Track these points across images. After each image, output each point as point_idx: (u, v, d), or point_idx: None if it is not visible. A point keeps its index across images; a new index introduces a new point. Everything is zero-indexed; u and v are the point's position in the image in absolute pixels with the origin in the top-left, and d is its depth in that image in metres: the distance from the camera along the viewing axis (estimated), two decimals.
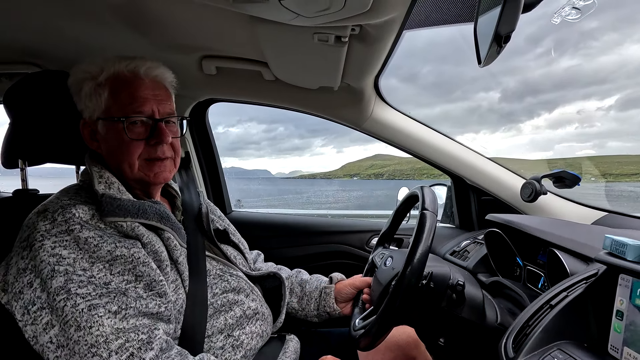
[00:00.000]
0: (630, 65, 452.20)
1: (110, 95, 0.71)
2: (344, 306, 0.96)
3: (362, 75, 1.07)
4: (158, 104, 0.74)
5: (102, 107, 0.72)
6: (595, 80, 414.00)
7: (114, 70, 0.72)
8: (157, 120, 0.73)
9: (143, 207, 0.70)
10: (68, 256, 0.59)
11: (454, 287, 0.75)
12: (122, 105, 0.71)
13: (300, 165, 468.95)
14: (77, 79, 0.73)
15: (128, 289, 0.62)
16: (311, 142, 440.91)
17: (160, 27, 0.93)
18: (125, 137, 0.70)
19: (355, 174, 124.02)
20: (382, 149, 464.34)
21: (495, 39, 0.48)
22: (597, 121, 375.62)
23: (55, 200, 0.66)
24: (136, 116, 0.71)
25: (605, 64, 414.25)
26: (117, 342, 0.56)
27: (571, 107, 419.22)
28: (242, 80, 1.24)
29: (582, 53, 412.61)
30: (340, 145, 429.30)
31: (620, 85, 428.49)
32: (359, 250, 1.51)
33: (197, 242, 0.81)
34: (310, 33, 0.78)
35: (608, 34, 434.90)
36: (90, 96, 0.72)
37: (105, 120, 0.72)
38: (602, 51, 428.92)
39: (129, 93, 0.71)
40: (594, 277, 0.60)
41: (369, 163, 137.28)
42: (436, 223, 0.71)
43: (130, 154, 0.71)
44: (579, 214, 1.20)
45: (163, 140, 0.73)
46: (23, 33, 0.96)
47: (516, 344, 0.59)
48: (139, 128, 0.72)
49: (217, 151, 1.65)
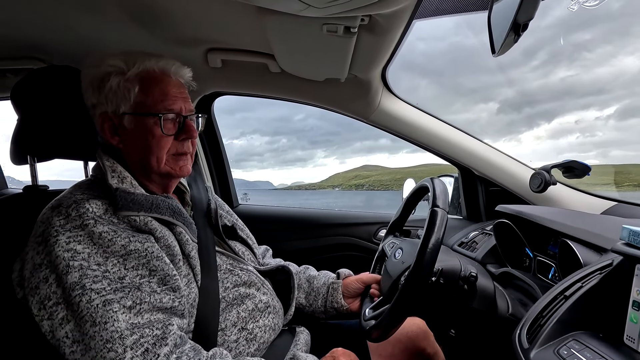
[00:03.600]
0: (626, 76, 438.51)
1: (140, 91, 0.72)
2: (351, 302, 0.96)
3: (369, 66, 1.05)
4: (184, 101, 0.76)
5: (131, 102, 0.72)
6: (593, 91, 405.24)
7: (144, 67, 0.73)
8: (184, 116, 0.76)
9: (156, 202, 0.71)
10: (82, 251, 0.60)
11: (467, 278, 0.75)
12: (155, 102, 0.72)
13: (302, 177, 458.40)
14: (101, 72, 0.72)
15: (142, 284, 0.62)
16: (314, 153, 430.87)
17: (166, 21, 0.92)
18: (159, 132, 0.72)
19: (338, 185, 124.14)
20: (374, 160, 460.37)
21: (513, 28, 0.47)
22: (599, 130, 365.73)
23: (68, 195, 0.66)
24: (169, 113, 0.73)
25: (601, 74, 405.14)
26: (132, 338, 0.57)
27: (570, 116, 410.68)
28: (248, 73, 1.23)
29: (578, 64, 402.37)
30: (343, 156, 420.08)
31: (618, 96, 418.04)
32: (367, 243, 1.51)
33: (208, 237, 0.81)
34: (319, 24, 0.77)
35: (602, 46, 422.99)
36: (116, 90, 0.72)
37: (135, 115, 0.72)
38: (598, 63, 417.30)
39: (160, 90, 0.73)
40: (609, 267, 0.60)
41: (353, 174, 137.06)
42: (447, 221, 0.69)
43: (160, 149, 0.73)
44: (589, 204, 1.19)
45: (192, 136, 0.77)
46: (28, 28, 0.95)
47: (530, 334, 0.59)
48: (170, 124, 0.74)
49: (223, 145, 1.65)
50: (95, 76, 0.73)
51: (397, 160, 39.55)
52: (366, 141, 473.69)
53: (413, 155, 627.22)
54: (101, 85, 0.72)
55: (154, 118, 0.72)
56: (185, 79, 0.80)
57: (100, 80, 0.72)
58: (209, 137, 1.61)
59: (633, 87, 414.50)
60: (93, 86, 0.73)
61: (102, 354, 0.55)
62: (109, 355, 0.55)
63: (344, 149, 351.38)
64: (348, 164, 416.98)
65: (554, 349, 0.54)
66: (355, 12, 0.67)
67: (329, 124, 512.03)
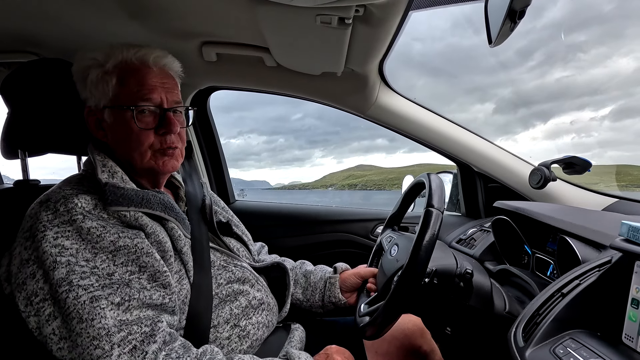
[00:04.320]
0: (620, 77, 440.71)
1: (117, 83, 0.70)
2: (349, 296, 0.95)
3: (366, 59, 1.04)
4: (166, 92, 0.73)
5: (110, 95, 0.70)
6: (588, 92, 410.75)
7: (122, 57, 0.71)
8: (165, 109, 0.73)
9: (147, 197, 0.69)
10: (71, 247, 0.59)
11: (462, 275, 0.74)
12: (131, 94, 0.70)
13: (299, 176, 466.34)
14: (82, 66, 0.71)
15: (132, 280, 0.61)
16: (311, 152, 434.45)
17: (160, 13, 0.90)
18: (135, 126, 0.70)
19: (331, 184, 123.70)
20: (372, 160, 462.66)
21: (509, 15, 0.45)
22: (594, 131, 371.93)
23: (57, 190, 0.65)
24: (145, 105, 0.70)
25: (596, 75, 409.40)
26: (119, 335, 0.56)
27: (566, 117, 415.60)
28: (243, 67, 1.22)
29: (573, 65, 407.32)
30: (340, 156, 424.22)
31: (612, 96, 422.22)
32: (364, 239, 1.50)
33: (201, 234, 0.80)
34: (313, 15, 0.75)
35: (596, 47, 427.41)
36: (96, 84, 0.70)
37: (113, 108, 0.71)
38: (593, 64, 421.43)
39: (137, 81, 0.70)
40: (608, 264, 0.59)
41: (347, 174, 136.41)
42: (441, 221, 0.67)
43: (140, 144, 0.71)
44: (589, 200, 1.17)
45: (172, 130, 0.73)
46: (20, 21, 0.93)
47: (526, 332, 0.58)
48: (148, 117, 0.71)
49: (219, 140, 1.64)
50: (78, 69, 0.72)
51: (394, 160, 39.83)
52: (364, 141, 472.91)
53: (410, 155, 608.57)
54: (84, 78, 0.71)
55: (130, 111, 0.69)
56: (171, 68, 0.77)
57: (82, 73, 0.72)
58: (204, 132, 1.59)
59: (627, 88, 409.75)
60: (78, 80, 0.73)
61: (88, 351, 0.54)
62: (96, 352, 0.54)
63: (341, 149, 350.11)
64: (345, 163, 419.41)
65: (550, 348, 0.53)
66: (348, 2, 0.66)
67: (326, 124, 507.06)
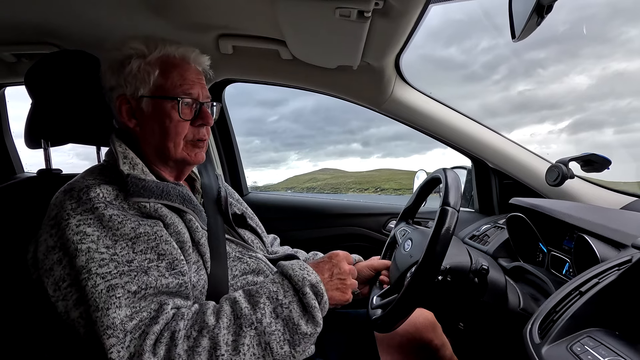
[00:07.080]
0: (576, 93, 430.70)
1: (160, 75, 0.73)
2: (362, 288, 0.96)
3: (383, 53, 1.03)
4: (201, 88, 0.77)
5: (150, 85, 0.73)
6: (547, 105, 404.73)
7: (165, 51, 0.74)
8: (201, 103, 0.76)
9: (166, 189, 0.71)
10: (92, 234, 0.60)
11: (478, 271, 0.74)
12: (174, 86, 0.73)
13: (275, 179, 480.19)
14: (124, 55, 0.73)
15: (150, 268, 0.62)
16: (287, 155, 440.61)
17: (178, 6, 0.91)
18: (176, 116, 0.73)
19: (291, 187, 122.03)
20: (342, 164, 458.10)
21: (537, 10, 0.44)
22: (553, 143, 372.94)
23: (80, 180, 0.67)
24: (186, 97, 0.74)
25: (555, 90, 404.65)
26: (132, 323, 0.57)
27: (527, 129, 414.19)
28: (259, 60, 1.22)
29: (534, 80, 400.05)
30: (316, 159, 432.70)
31: (569, 110, 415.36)
32: (376, 234, 1.50)
33: (218, 225, 0.81)
34: (332, 8, 0.75)
35: (555, 64, 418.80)
36: (136, 73, 0.72)
37: (154, 98, 0.73)
38: (551, 80, 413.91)
39: (179, 74, 0.74)
40: (628, 263, 0.58)
41: (309, 177, 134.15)
42: (457, 220, 0.66)
43: (177, 134, 0.74)
44: (607, 199, 1.15)
45: (208, 122, 0.77)
46: (42, 13, 0.95)
47: (542, 330, 0.58)
48: (187, 109, 0.74)
49: (233, 133, 1.65)
50: (116, 58, 0.74)
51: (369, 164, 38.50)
52: (339, 145, 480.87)
53: (383, 160, 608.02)
54: (121, 67, 0.73)
55: (172, 102, 0.72)
56: (203, 67, 0.81)
57: (121, 62, 0.73)
58: (220, 125, 1.61)
59: (582, 103, 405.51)
60: (113, 69, 0.74)
61: (103, 340, 0.55)
62: (110, 341, 0.55)
63: (317, 152, 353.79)
64: (320, 166, 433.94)
65: (567, 345, 0.53)
66: None
67: (302, 127, 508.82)
